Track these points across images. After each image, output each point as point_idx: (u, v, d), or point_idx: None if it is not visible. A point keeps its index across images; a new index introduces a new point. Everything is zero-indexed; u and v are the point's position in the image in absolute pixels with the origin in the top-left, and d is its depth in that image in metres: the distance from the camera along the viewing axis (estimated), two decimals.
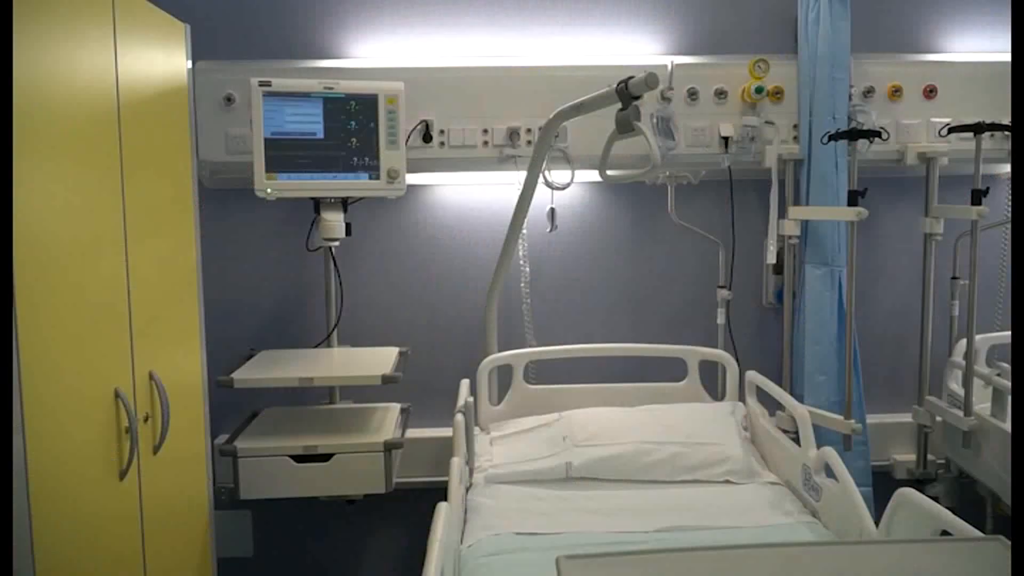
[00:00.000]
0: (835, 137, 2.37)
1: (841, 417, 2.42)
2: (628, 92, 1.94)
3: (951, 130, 2.47)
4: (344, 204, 2.30)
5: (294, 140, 2.11)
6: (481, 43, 2.66)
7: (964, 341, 2.66)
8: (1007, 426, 2.36)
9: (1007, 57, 2.69)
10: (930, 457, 2.73)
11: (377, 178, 2.19)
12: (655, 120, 2.49)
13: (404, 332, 2.69)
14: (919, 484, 2.76)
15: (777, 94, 2.62)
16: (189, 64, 1.96)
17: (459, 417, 2.08)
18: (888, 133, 2.42)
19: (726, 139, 2.59)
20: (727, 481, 2.13)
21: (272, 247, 2.66)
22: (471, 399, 2.17)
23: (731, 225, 2.70)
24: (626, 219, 2.75)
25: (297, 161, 2.11)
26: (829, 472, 1.94)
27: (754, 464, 2.18)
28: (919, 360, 2.69)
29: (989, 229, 2.73)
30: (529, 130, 2.58)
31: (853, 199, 2.35)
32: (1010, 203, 2.77)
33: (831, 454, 1.91)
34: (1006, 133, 2.64)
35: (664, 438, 2.21)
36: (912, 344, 2.74)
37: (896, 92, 2.64)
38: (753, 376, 2.49)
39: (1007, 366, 2.51)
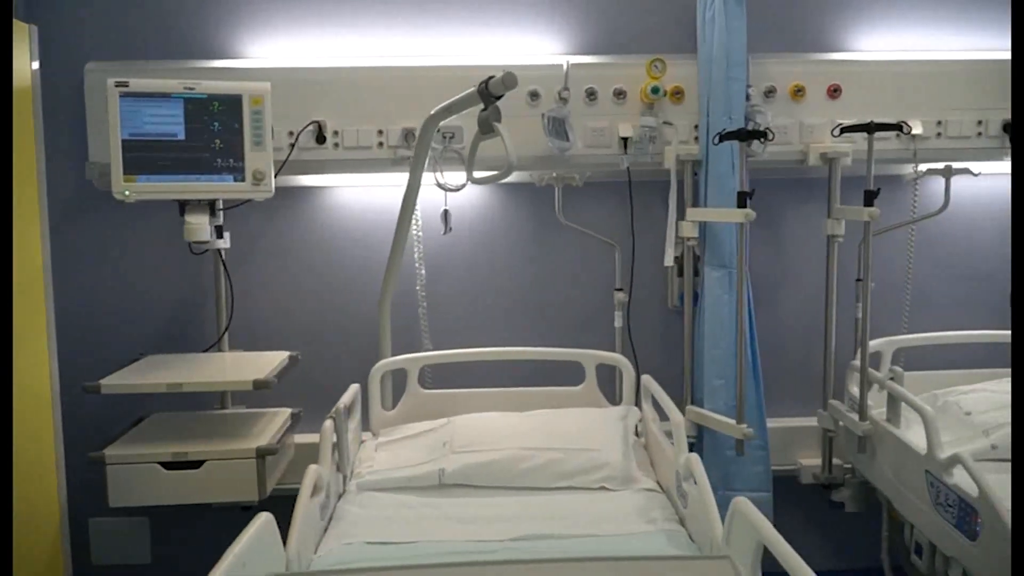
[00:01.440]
0: (724, 137, 2.33)
1: (734, 421, 2.38)
2: (488, 92, 1.90)
3: (843, 130, 2.43)
4: (212, 207, 2.25)
5: (154, 142, 2.08)
6: (379, 43, 2.63)
7: (868, 344, 2.64)
8: (899, 432, 2.32)
9: (914, 55, 2.68)
10: (836, 462, 2.69)
11: (242, 180, 2.16)
12: (546, 120, 2.45)
13: (301, 336, 2.65)
14: (826, 489, 2.73)
15: (677, 94, 2.58)
16: (35, 65, 1.92)
17: (327, 424, 2.04)
18: (773, 134, 2.38)
19: (625, 140, 2.55)
20: (602, 488, 2.09)
21: (168, 250, 2.62)
22: (343, 405, 2.13)
23: (631, 227, 2.66)
24: (528, 221, 2.72)
25: (157, 163, 2.08)
26: None
27: (633, 470, 2.13)
28: (823, 363, 2.65)
29: (895, 229, 2.71)
30: (439, 129, 2.53)
31: (741, 201, 2.31)
32: (911, 204, 2.74)
33: (694, 460, 1.87)
34: (914, 134, 2.61)
35: (544, 444, 2.17)
36: (819, 347, 2.70)
37: (799, 92, 2.61)
38: (647, 381, 2.45)
39: (900, 370, 2.47)
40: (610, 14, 2.65)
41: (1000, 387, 2.44)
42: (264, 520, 1.48)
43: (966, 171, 2.58)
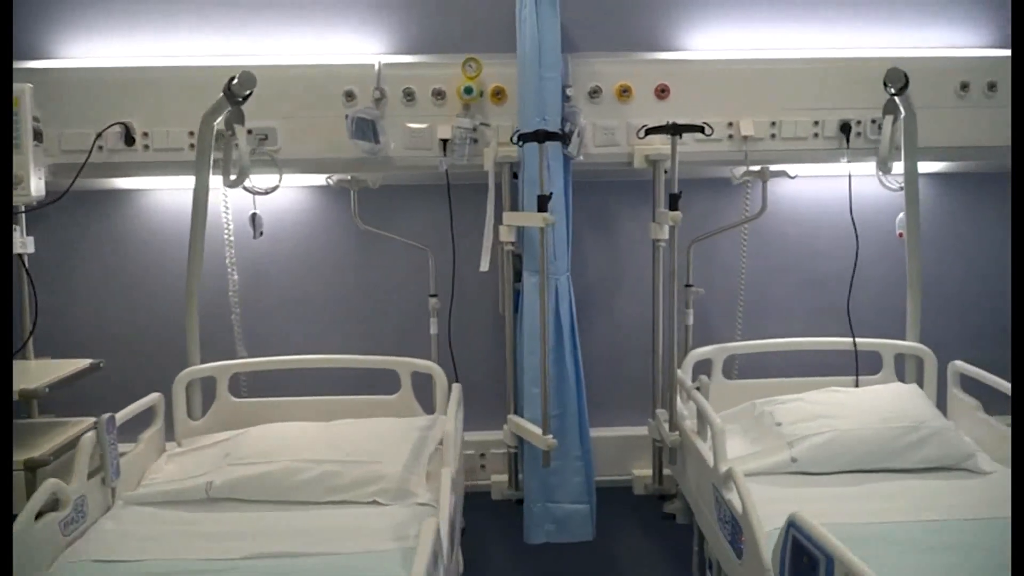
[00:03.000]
0: (521, 138, 2.26)
1: (539, 431, 2.31)
2: (232, 93, 1.83)
3: (647, 132, 2.36)
4: None
5: None
6: (195, 44, 2.56)
7: (696, 351, 2.57)
8: (701, 444, 2.24)
9: (748, 54, 2.60)
10: (668, 472, 2.62)
11: None
12: (350, 121, 2.38)
13: (112, 342, 2.58)
14: (661, 500, 2.66)
15: (498, 95, 2.52)
16: None
17: (86, 436, 1.97)
18: (579, 135, 2.31)
19: (445, 141, 2.48)
20: (374, 502, 2.02)
21: None
22: (109, 415, 2.05)
23: (450, 231, 2.59)
24: (351, 225, 2.64)
25: None
26: None
27: (412, 484, 2.06)
28: (651, 371, 2.58)
29: (724, 231, 2.64)
30: (251, 131, 2.47)
31: (541, 204, 2.24)
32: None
33: (443, 475, 1.81)
34: (745, 135, 2.54)
35: (324, 456, 2.10)
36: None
37: (625, 92, 2.53)
38: (456, 390, 2.38)
39: (707, 379, 2.39)
40: (433, 13, 2.59)
41: (817, 397, 2.37)
42: None
43: (783, 174, 2.50)
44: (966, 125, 2.60)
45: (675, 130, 2.30)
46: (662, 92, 2.54)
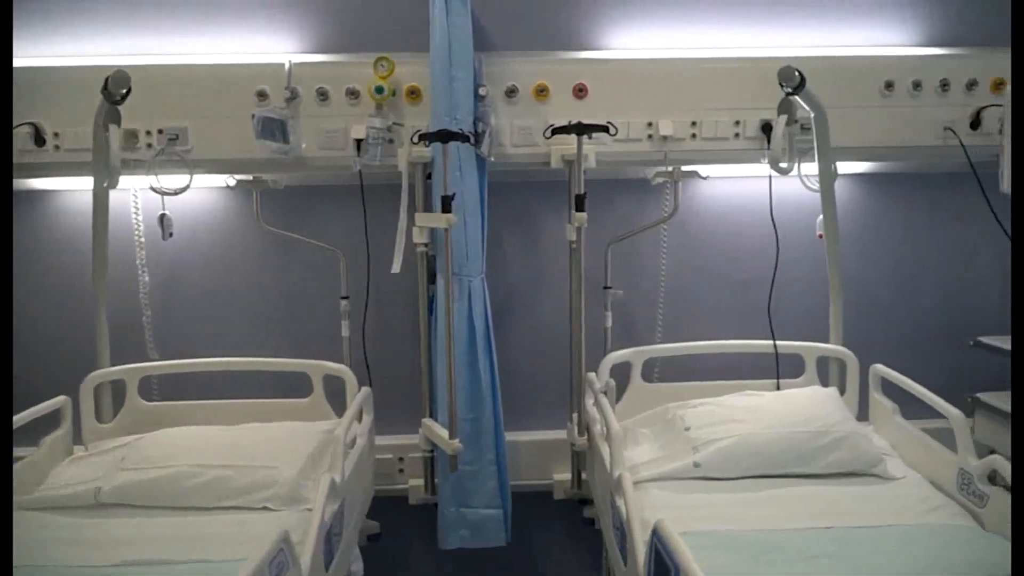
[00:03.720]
0: (424, 137, 2.23)
1: (446, 436, 2.28)
2: (108, 92, 1.81)
3: (554, 132, 2.32)
4: None
5: None
6: (107, 44, 2.53)
7: (612, 354, 2.54)
8: (604, 448, 2.21)
9: (668, 53, 2.57)
10: (587, 476, 2.59)
11: None
12: (256, 121, 2.35)
13: (23, 346, 2.55)
14: (582, 504, 2.63)
15: (413, 94, 2.48)
16: None
17: None
18: (490, 135, 2.28)
19: (359, 142, 2.45)
20: (265, 508, 1.99)
21: None
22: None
23: (364, 232, 2.56)
24: (276, 226, 2.62)
25: None
26: None
27: (308, 489, 2.03)
28: (569, 375, 2.54)
29: (644, 233, 2.61)
30: (149, 132, 2.45)
31: (445, 205, 2.21)
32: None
33: (322, 480, 1.78)
34: (664, 135, 2.50)
35: (221, 460, 2.07)
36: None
37: (542, 92, 2.50)
38: (366, 393, 2.36)
39: (612, 382, 2.36)
40: (348, 12, 2.55)
41: (730, 401, 2.34)
42: None
43: (694, 174, 2.47)
44: (891, 125, 2.56)
45: (580, 130, 2.26)
46: (580, 91, 2.51)
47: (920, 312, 2.77)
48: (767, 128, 2.53)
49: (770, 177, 2.56)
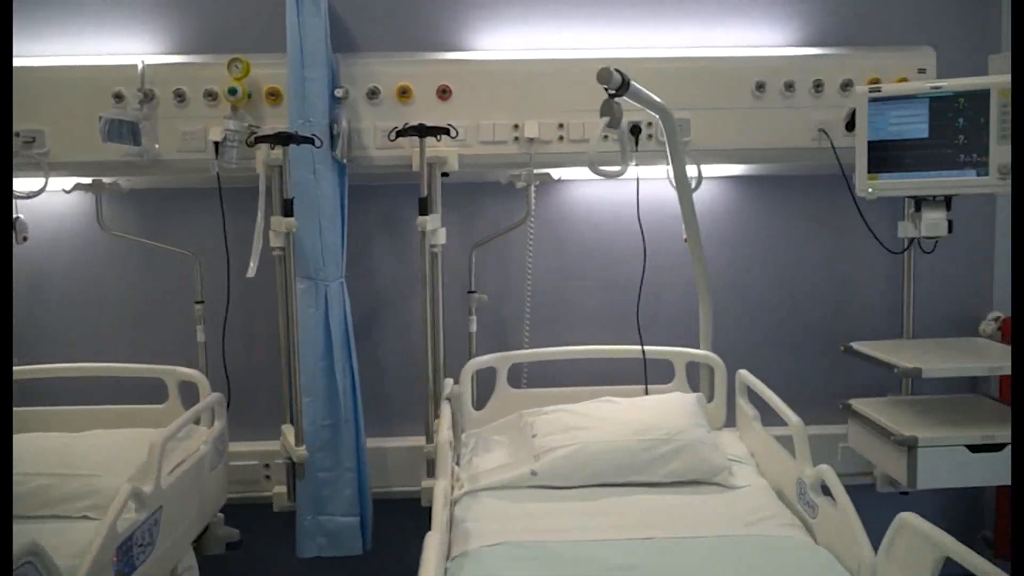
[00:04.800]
0: (259, 140, 2.20)
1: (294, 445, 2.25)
2: None
3: (398, 134, 2.29)
4: None
5: None
6: None
7: (475, 360, 2.50)
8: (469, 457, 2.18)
9: (534, 55, 2.53)
10: None
11: None
12: (103, 123, 2.32)
13: None
14: None
15: (273, 95, 2.45)
16: None
17: None
18: (343, 138, 2.25)
19: (217, 144, 2.42)
20: (84, 517, 1.96)
21: None
22: None
23: (223, 235, 2.52)
24: (126, 229, 2.58)
25: None
26: None
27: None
28: (432, 381, 2.50)
29: (508, 236, 2.57)
30: (18, 133, 2.41)
31: (287, 209, 2.18)
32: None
33: (122, 489, 1.75)
34: (531, 137, 2.46)
35: (47, 468, 2.04)
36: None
37: (404, 93, 2.47)
38: (214, 399, 2.33)
39: (458, 388, 2.33)
40: (208, 13, 2.53)
41: (582, 408, 2.30)
42: None
43: (547, 176, 2.44)
44: (763, 126, 2.52)
45: (421, 132, 2.23)
46: (443, 93, 2.47)
47: (801, 317, 2.72)
48: (635, 130, 2.50)
49: (637, 179, 2.53)
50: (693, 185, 2.49)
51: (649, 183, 2.57)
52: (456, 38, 2.56)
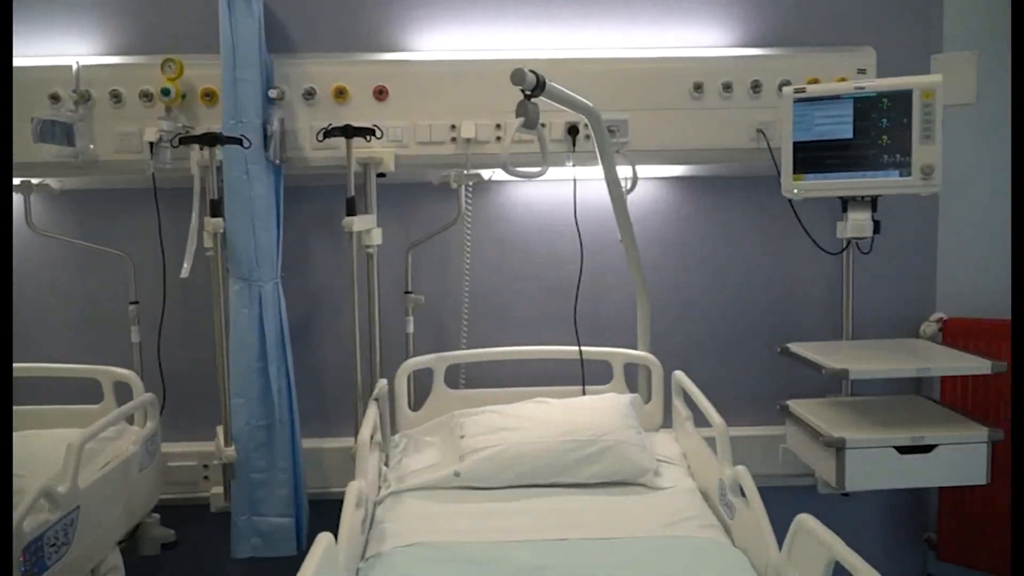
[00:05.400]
0: (184, 141, 2.20)
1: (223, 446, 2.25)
2: None
3: (326, 135, 2.28)
4: None
5: None
6: None
7: (410, 361, 2.50)
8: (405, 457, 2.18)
9: (470, 55, 2.53)
10: None
11: None
12: (35, 124, 2.32)
13: None
14: None
15: (209, 96, 2.45)
16: None
17: None
18: (274, 139, 2.25)
19: (152, 144, 2.42)
20: None
21: None
22: None
23: (159, 236, 2.52)
24: (65, 231, 2.58)
25: None
26: None
27: None
28: (369, 380, 2.50)
29: (441, 236, 2.57)
30: None
31: (215, 209, 2.18)
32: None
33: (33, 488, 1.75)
34: (467, 138, 2.46)
35: None
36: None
37: (341, 94, 2.46)
38: (145, 399, 2.32)
39: (385, 389, 2.32)
40: (144, 14, 2.53)
41: (513, 410, 2.30)
42: None
43: (477, 176, 2.44)
44: (702, 127, 2.51)
45: (347, 132, 2.23)
46: (380, 94, 2.47)
47: (746, 317, 2.72)
48: (573, 130, 2.49)
49: (574, 180, 2.52)
50: (628, 186, 2.49)
51: (591, 184, 2.56)
52: (393, 38, 2.56)
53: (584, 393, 2.49)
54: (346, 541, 1.65)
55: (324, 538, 1.48)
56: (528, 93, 1.90)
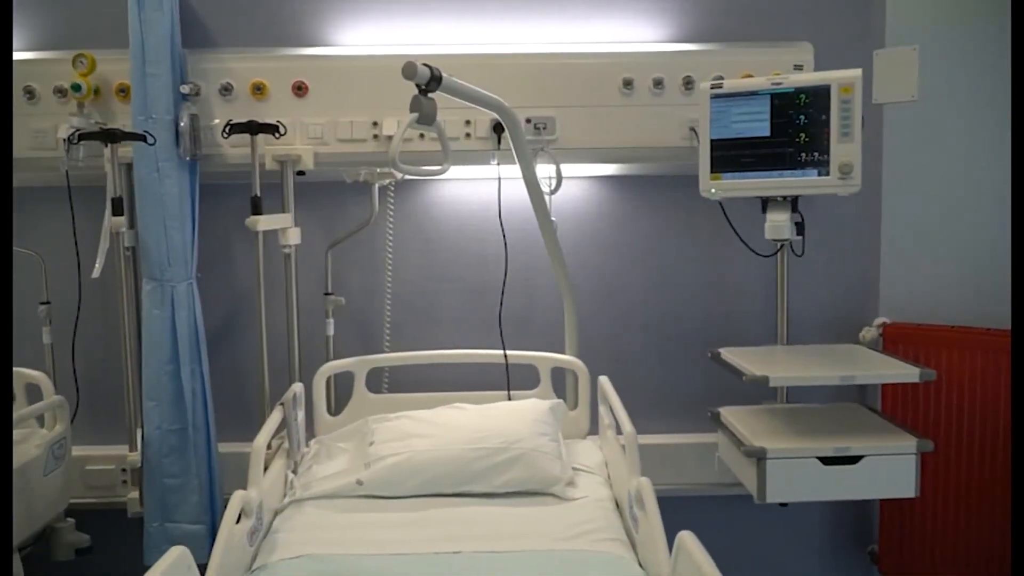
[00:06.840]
0: (84, 137, 2.14)
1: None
2: None
3: (231, 131, 2.22)
4: None
5: None
6: None
7: (329, 364, 2.44)
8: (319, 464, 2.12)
9: (392, 50, 2.46)
10: None
11: None
12: None
13: None
14: None
15: (124, 92, 2.39)
16: None
17: None
18: (184, 135, 2.19)
19: (67, 141, 2.36)
20: None
21: None
22: None
23: (73, 235, 2.46)
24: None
25: None
26: None
27: None
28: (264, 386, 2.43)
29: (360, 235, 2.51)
30: None
31: (116, 208, 2.12)
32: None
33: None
34: (389, 135, 2.39)
35: None
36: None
37: (259, 89, 2.40)
38: (54, 401, 2.27)
39: (299, 394, 2.26)
40: (58, 8, 2.47)
41: (426, 415, 2.23)
42: None
43: (390, 174, 2.37)
44: (632, 125, 2.44)
45: (251, 129, 2.17)
46: (299, 89, 2.41)
47: (682, 321, 2.64)
48: (498, 128, 2.42)
49: (499, 179, 2.45)
50: (553, 185, 2.41)
51: (520, 182, 2.49)
52: (314, 32, 2.49)
53: (510, 398, 2.42)
54: (220, 554, 1.59)
55: (176, 551, 1.42)
56: (423, 87, 1.82)
